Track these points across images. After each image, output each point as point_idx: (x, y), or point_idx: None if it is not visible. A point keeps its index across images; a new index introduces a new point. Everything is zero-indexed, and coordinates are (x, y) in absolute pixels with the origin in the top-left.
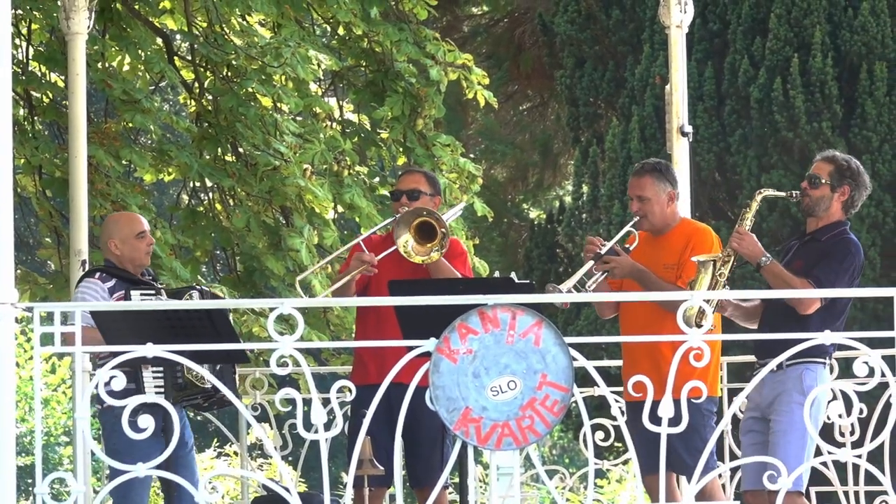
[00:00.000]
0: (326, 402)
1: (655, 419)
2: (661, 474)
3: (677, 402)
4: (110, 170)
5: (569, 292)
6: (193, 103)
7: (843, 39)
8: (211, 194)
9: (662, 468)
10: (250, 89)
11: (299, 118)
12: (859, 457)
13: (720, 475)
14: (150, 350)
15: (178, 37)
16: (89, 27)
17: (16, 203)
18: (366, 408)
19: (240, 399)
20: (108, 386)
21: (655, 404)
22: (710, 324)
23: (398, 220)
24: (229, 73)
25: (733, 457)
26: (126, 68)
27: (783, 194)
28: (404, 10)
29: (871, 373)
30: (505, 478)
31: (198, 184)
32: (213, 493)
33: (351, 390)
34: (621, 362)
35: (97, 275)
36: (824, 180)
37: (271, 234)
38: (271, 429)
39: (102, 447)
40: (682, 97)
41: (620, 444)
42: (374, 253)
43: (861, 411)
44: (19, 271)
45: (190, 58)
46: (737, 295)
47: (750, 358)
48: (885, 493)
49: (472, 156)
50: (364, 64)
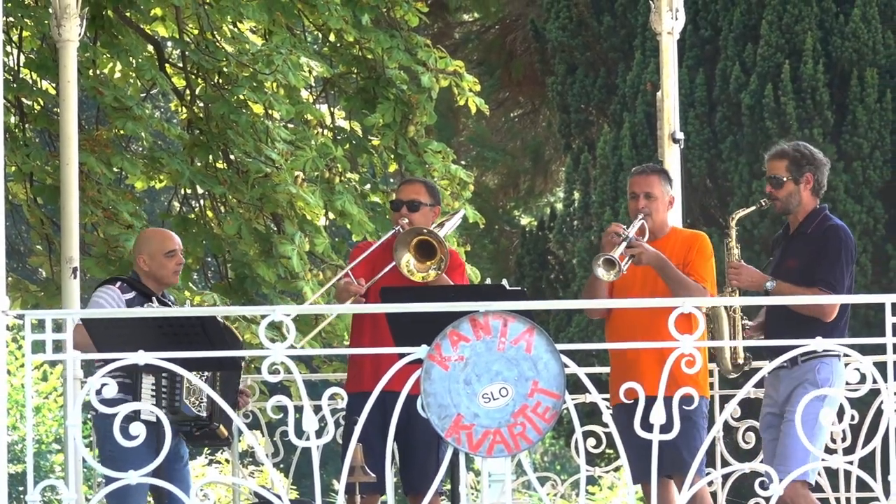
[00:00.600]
0: (318, 409)
1: (655, 420)
2: (653, 477)
3: (673, 405)
4: (101, 177)
5: (619, 263)
6: (185, 110)
7: (835, 46)
8: (202, 201)
9: (654, 471)
10: (241, 96)
11: (291, 125)
12: (851, 463)
13: (711, 482)
14: (141, 357)
15: (169, 44)
16: (80, 34)
17: (7, 210)
18: (370, 414)
19: (235, 411)
20: (99, 394)
21: (651, 407)
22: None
23: (398, 240)
24: (220, 80)
25: (725, 463)
26: (117, 75)
27: (753, 208)
28: (395, 17)
29: (863, 379)
30: (496, 485)
31: (189, 191)
32: (205, 501)
33: (343, 397)
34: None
35: (118, 284)
36: (784, 177)
37: (262, 241)
38: (263, 436)
39: (96, 453)
40: (674, 104)
41: (612, 451)
42: (375, 265)
43: (853, 418)
44: (10, 279)
45: (181, 65)
46: (736, 302)
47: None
48: (876, 499)
49: (463, 162)
50: (355, 71)
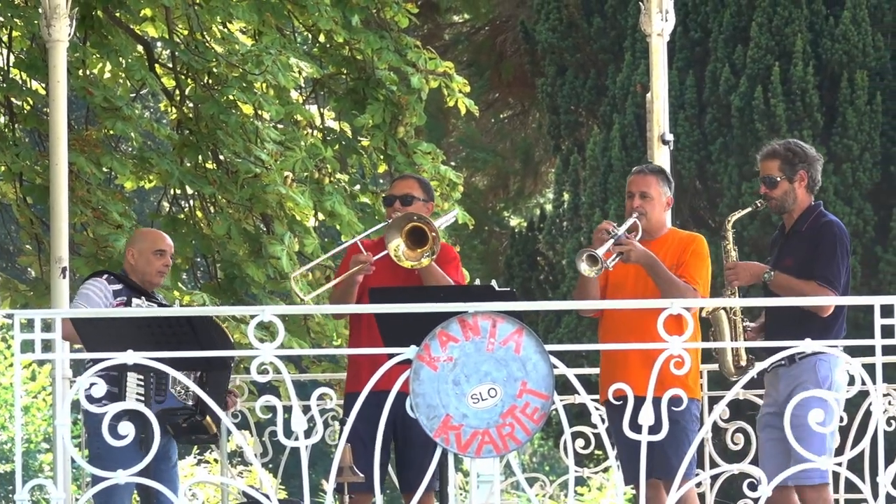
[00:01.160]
0: (307, 409)
1: (644, 421)
2: (641, 478)
3: (662, 406)
4: (91, 177)
5: (602, 259)
6: (174, 111)
7: (825, 48)
8: (192, 202)
9: (643, 472)
10: (231, 97)
11: (280, 126)
12: (839, 464)
13: (699, 483)
14: (130, 357)
15: (158, 44)
16: (70, 34)
17: None
18: (365, 414)
19: (223, 409)
20: (88, 392)
21: (639, 407)
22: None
23: (390, 225)
24: (210, 81)
25: (714, 464)
26: (107, 75)
27: (749, 209)
28: (385, 18)
29: (852, 381)
30: (485, 485)
31: (178, 191)
32: (194, 500)
33: (332, 398)
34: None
35: (105, 276)
36: (778, 177)
37: (252, 241)
38: (251, 436)
39: (85, 453)
40: (663, 105)
41: (601, 452)
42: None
43: (841, 419)
44: (0, 278)
45: (171, 65)
46: (728, 303)
47: None
48: (864, 500)
49: (453, 164)
50: (345, 72)
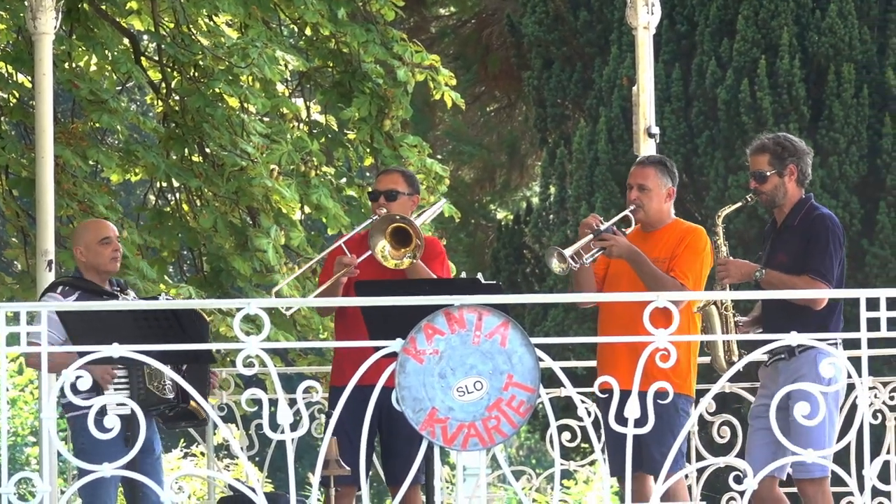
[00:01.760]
0: (293, 402)
1: (630, 414)
2: (627, 471)
3: (648, 399)
4: (77, 170)
5: (570, 258)
6: (160, 103)
7: (811, 41)
8: (178, 195)
9: (629, 465)
10: (217, 90)
11: (266, 119)
12: (825, 458)
13: (686, 476)
14: (116, 350)
15: (145, 37)
16: (56, 27)
17: None
18: (349, 408)
19: (206, 400)
20: (74, 387)
21: (641, 396)
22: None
23: (373, 226)
24: (196, 74)
25: (700, 457)
26: (93, 68)
27: (739, 204)
28: (371, 11)
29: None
30: (471, 478)
31: (165, 184)
32: (180, 494)
33: (318, 391)
34: (588, 363)
35: (59, 289)
36: (768, 171)
37: (238, 234)
38: (238, 429)
39: (71, 446)
40: (650, 98)
41: (587, 445)
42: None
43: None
44: None
45: (157, 58)
46: (714, 296)
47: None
48: (850, 493)
49: (439, 157)
50: (331, 64)
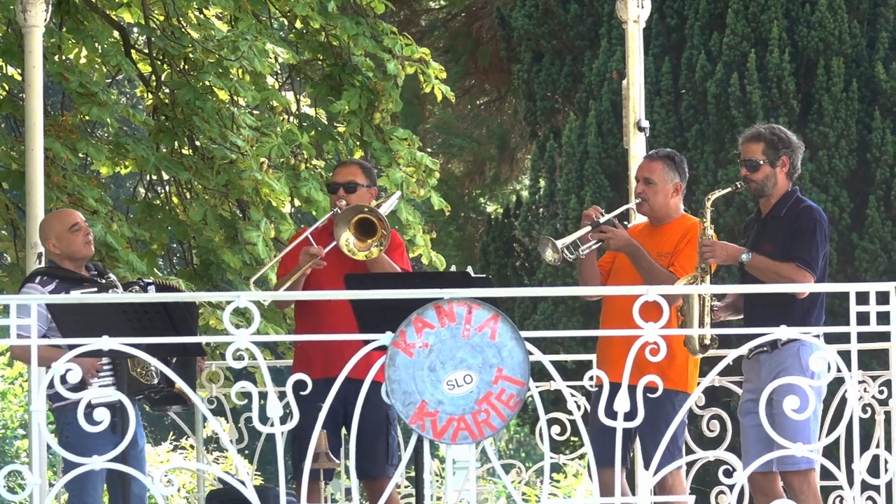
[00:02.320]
0: (282, 395)
1: (619, 406)
2: (616, 465)
3: (638, 393)
4: (67, 162)
5: (564, 249)
6: (150, 96)
7: (801, 35)
8: (167, 187)
9: (618, 458)
10: (207, 82)
11: (256, 112)
12: (813, 451)
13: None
14: (105, 343)
15: (134, 30)
16: (46, 20)
17: None
18: (314, 401)
19: (195, 392)
20: (63, 379)
21: (619, 393)
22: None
23: (338, 217)
24: (186, 67)
25: (689, 451)
26: (83, 61)
27: (729, 190)
28: (361, 4)
29: (827, 368)
30: (461, 472)
31: (154, 177)
32: (169, 487)
33: (309, 384)
34: (577, 357)
35: (37, 279)
36: (761, 160)
37: (228, 227)
38: (227, 422)
39: (57, 440)
40: (639, 92)
41: (577, 439)
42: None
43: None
44: None
45: (147, 51)
46: (705, 290)
47: (711, 353)
48: (839, 487)
49: (429, 150)
50: (321, 58)
